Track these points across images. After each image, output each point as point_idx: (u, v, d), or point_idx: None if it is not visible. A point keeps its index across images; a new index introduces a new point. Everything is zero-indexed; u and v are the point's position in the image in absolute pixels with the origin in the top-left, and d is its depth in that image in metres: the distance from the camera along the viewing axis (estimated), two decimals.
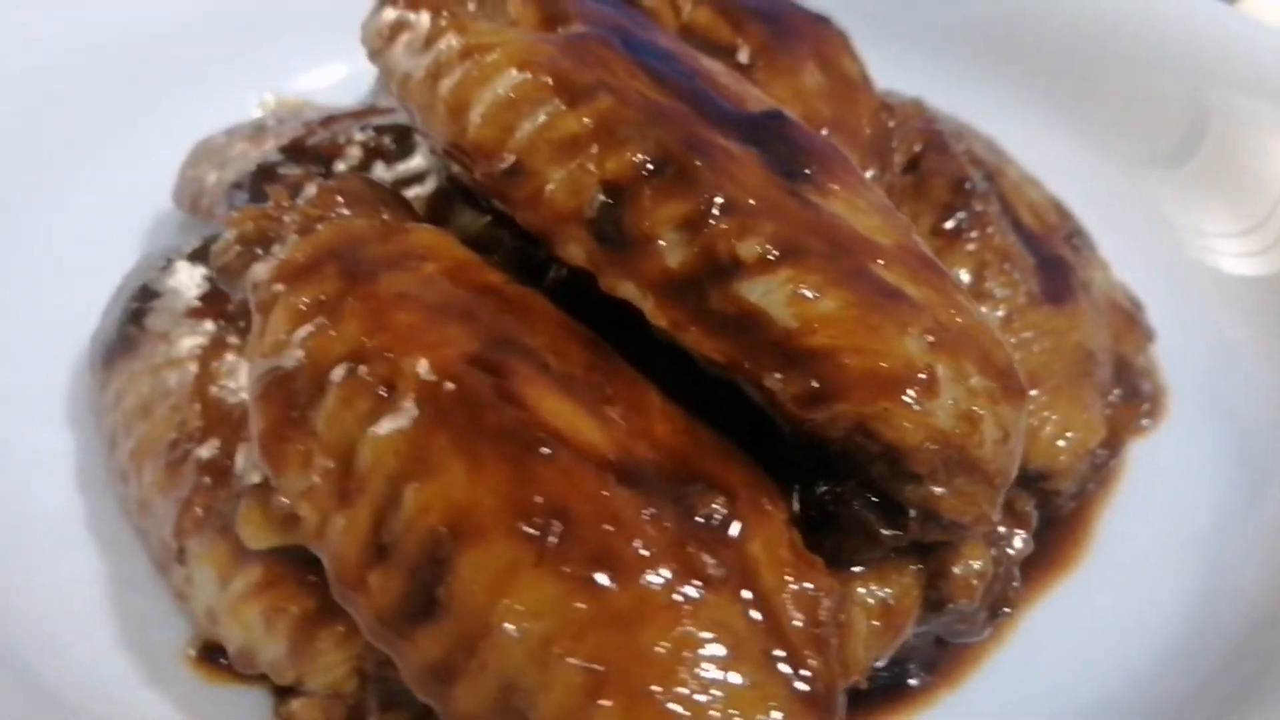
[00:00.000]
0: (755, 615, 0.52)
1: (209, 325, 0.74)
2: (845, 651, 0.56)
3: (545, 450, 0.54)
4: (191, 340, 0.74)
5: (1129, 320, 0.85)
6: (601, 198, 0.62)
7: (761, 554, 0.54)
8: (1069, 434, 0.74)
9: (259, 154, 0.86)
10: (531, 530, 0.52)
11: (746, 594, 0.53)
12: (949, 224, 0.80)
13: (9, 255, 0.96)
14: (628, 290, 0.61)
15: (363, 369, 0.57)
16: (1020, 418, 0.61)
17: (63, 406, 0.86)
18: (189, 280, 0.78)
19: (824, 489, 0.61)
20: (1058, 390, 0.75)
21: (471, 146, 0.65)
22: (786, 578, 0.54)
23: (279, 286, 0.62)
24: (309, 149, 0.84)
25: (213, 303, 0.76)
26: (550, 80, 0.64)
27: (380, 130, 0.83)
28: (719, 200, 0.60)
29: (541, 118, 0.64)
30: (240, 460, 0.66)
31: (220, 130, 0.98)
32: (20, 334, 0.90)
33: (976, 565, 0.63)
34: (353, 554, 0.54)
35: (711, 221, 0.60)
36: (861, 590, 0.61)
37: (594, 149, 0.62)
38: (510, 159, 0.64)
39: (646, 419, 0.59)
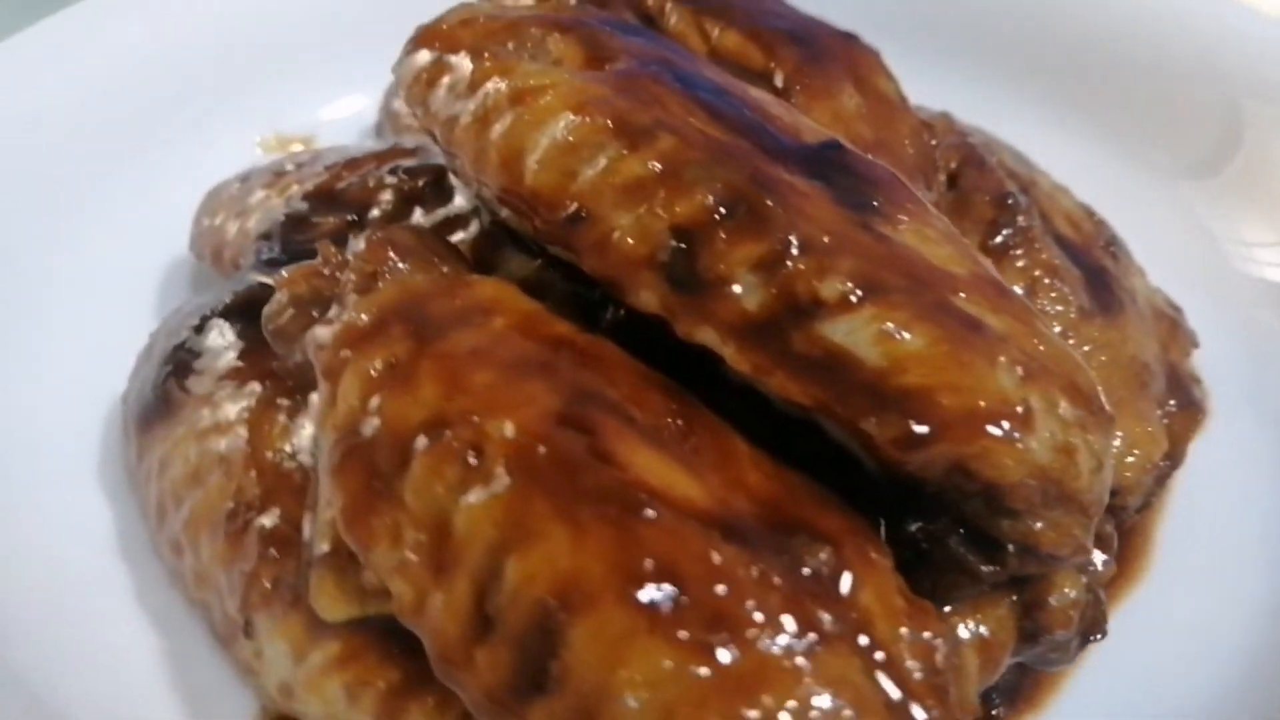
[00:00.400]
0: (876, 669, 0.51)
1: (255, 386, 0.72)
2: (961, 696, 0.55)
3: (648, 510, 0.53)
4: (237, 403, 0.72)
5: (1173, 326, 0.85)
6: (672, 242, 0.60)
7: (874, 604, 0.53)
8: (1135, 450, 0.74)
9: (283, 202, 0.84)
10: (643, 596, 0.50)
11: (864, 647, 0.52)
12: (995, 241, 0.79)
13: (20, 315, 0.93)
14: (706, 336, 0.60)
15: (447, 435, 0.55)
16: (1109, 444, 0.60)
17: (95, 471, 0.83)
18: (226, 338, 0.75)
19: (917, 527, 0.60)
20: (1119, 405, 0.74)
21: (530, 194, 0.64)
22: (901, 628, 0.53)
23: (346, 352, 0.60)
24: (338, 195, 0.82)
25: (255, 362, 0.74)
26: (609, 122, 0.63)
27: (411, 173, 0.81)
28: (794, 239, 0.59)
29: (603, 162, 0.62)
30: (307, 528, 0.64)
31: (232, 175, 0.95)
32: (42, 397, 0.87)
33: (1072, 594, 0.62)
34: (455, 631, 0.53)
35: (789, 262, 0.59)
36: (960, 627, 0.61)
37: (661, 193, 0.61)
38: (573, 206, 0.63)
39: (737, 468, 0.58)
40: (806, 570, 0.53)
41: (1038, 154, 0.94)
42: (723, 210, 0.60)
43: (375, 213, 0.79)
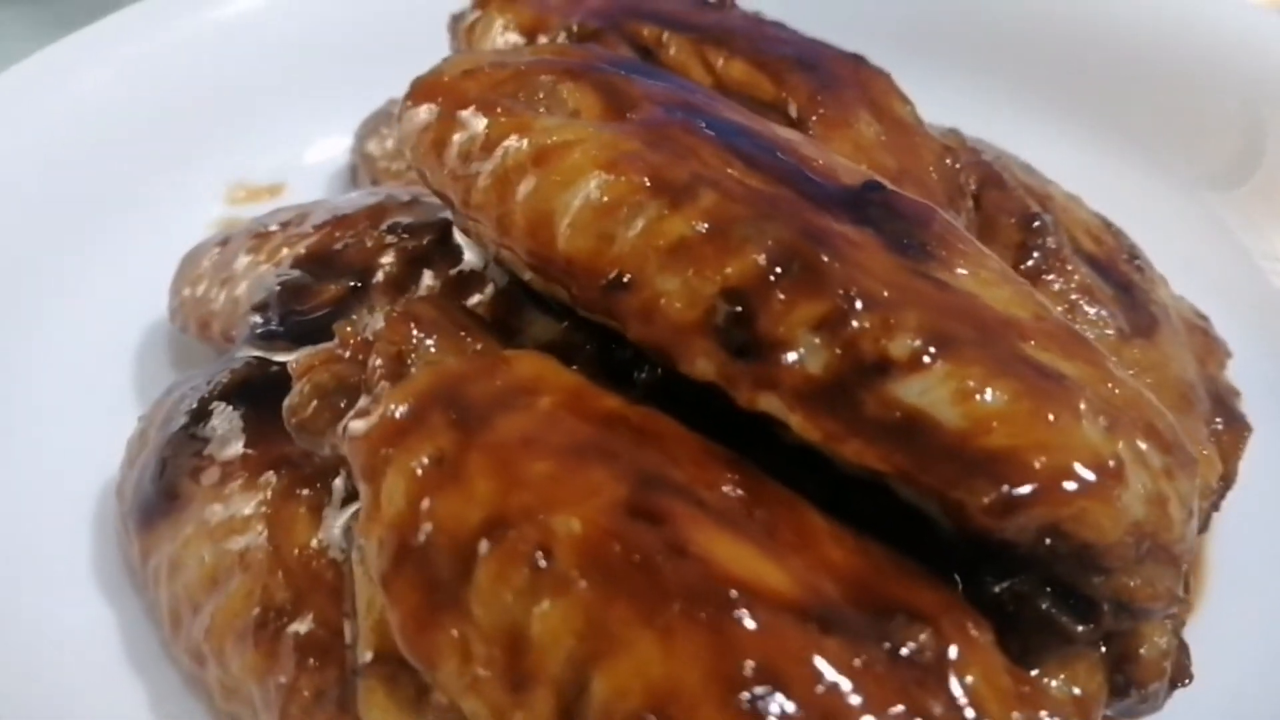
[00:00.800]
0: None
1: (270, 476, 0.67)
2: None
3: (739, 607, 0.49)
4: (252, 495, 0.67)
5: (1205, 337, 0.83)
6: (726, 306, 0.57)
7: (983, 687, 0.50)
8: None
9: (273, 267, 0.78)
10: (746, 704, 0.47)
11: None
12: (1026, 265, 0.77)
13: None
14: (770, 404, 0.56)
15: (511, 536, 0.51)
16: (1195, 488, 0.58)
17: (90, 570, 0.78)
18: (231, 424, 0.70)
19: (1002, 588, 0.57)
20: None
21: (564, 260, 0.60)
22: (1014, 712, 0.50)
23: (386, 449, 0.55)
24: (335, 258, 0.77)
25: (266, 449, 0.69)
26: (645, 180, 0.59)
27: (412, 231, 0.76)
28: (854, 295, 0.56)
29: (642, 223, 0.59)
30: (349, 634, 0.60)
31: (209, 238, 0.90)
32: (25, 489, 0.81)
33: (1162, 644, 0.60)
34: None
35: (852, 320, 0.55)
36: (1053, 687, 0.58)
37: (709, 253, 0.57)
38: (613, 271, 0.59)
39: (818, 546, 0.54)
40: (907, 655, 0.50)
41: (1045, 164, 0.91)
42: (777, 269, 0.56)
43: (379, 276, 0.74)
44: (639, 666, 0.48)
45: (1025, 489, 0.52)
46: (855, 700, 0.47)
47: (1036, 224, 0.78)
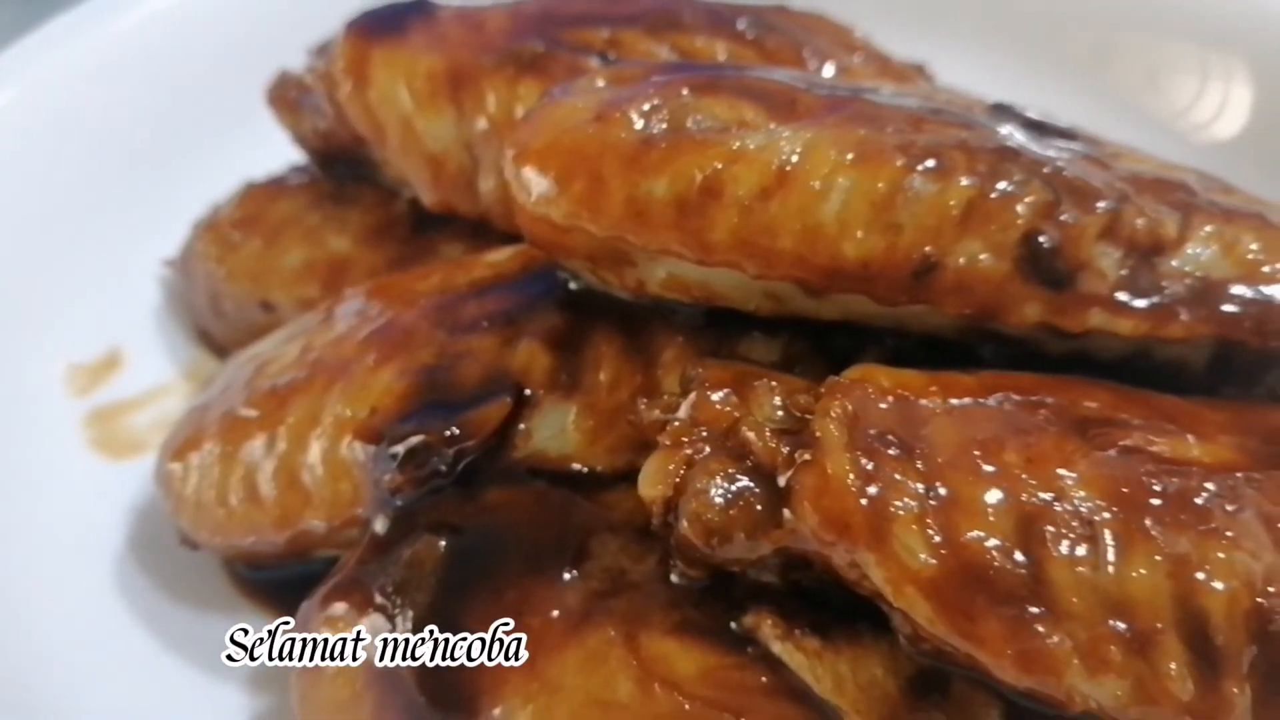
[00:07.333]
0: None
1: (596, 619, 0.58)
2: None
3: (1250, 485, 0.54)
4: (593, 642, 0.57)
5: None
6: (1033, 248, 0.60)
7: None
8: None
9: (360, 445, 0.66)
10: None
11: None
12: None
13: None
14: (1098, 320, 0.61)
15: (1052, 526, 0.53)
16: None
17: None
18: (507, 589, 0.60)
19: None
20: None
21: (858, 266, 0.59)
22: None
23: (872, 514, 0.52)
24: (453, 380, 0.66)
25: (544, 594, 0.59)
26: (901, 162, 0.60)
27: (521, 313, 0.68)
28: (1110, 196, 0.62)
29: (925, 202, 0.59)
30: None
31: (192, 432, 0.72)
32: None
33: None
34: (1190, 691, 0.51)
35: (1124, 219, 0.61)
36: None
37: (997, 206, 0.60)
38: (916, 258, 0.59)
39: (1202, 417, 0.60)
40: None
41: None
42: (1060, 199, 0.60)
43: (536, 374, 0.65)
44: (1232, 568, 0.51)
45: None
46: None
47: None
